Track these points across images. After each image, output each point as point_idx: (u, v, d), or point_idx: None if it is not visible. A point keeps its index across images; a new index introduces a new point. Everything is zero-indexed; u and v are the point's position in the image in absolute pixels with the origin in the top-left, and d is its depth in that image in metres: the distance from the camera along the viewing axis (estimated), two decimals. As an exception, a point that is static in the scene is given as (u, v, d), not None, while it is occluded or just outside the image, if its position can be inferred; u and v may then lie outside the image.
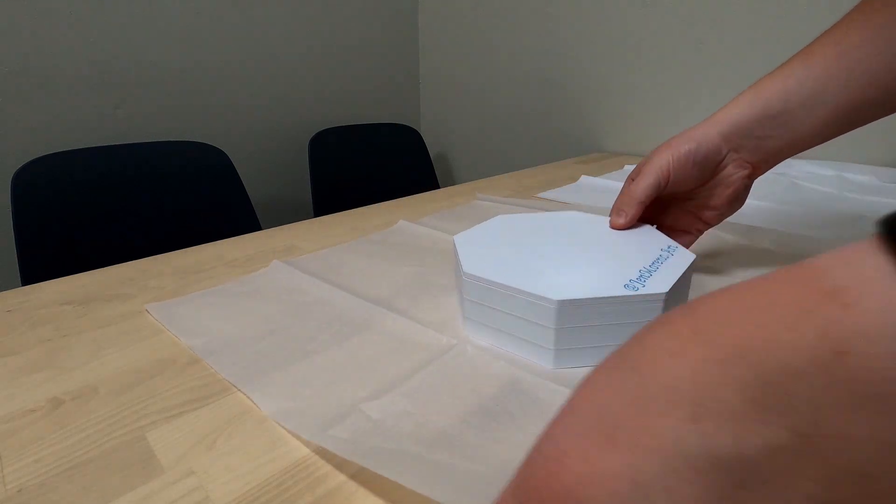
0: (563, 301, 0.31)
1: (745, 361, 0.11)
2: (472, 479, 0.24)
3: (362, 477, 0.25)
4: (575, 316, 0.32)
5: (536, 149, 1.43)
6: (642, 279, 0.33)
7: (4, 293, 0.45)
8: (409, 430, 0.27)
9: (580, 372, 0.33)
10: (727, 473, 0.12)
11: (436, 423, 0.28)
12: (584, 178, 0.89)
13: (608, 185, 0.84)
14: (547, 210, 0.59)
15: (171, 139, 1.04)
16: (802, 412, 0.11)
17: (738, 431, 0.11)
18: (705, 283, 0.45)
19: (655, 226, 0.44)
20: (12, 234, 0.78)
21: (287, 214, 1.44)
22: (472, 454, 0.26)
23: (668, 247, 0.39)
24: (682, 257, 0.37)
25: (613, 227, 0.42)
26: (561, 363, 0.33)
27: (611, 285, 0.33)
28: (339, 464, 0.26)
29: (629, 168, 0.99)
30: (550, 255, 0.38)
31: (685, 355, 0.13)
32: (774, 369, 0.11)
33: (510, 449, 0.26)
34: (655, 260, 0.36)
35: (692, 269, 0.37)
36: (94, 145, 0.92)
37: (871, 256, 0.11)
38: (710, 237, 0.53)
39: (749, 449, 0.11)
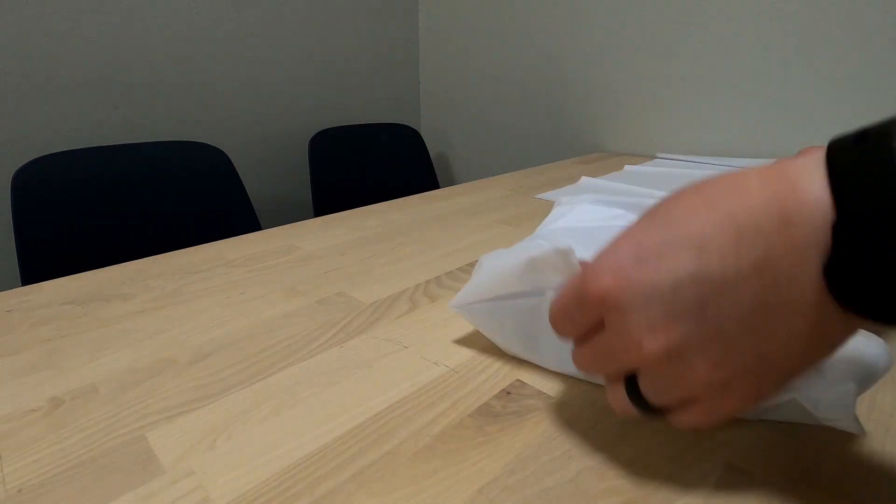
0: None
1: (733, 222, 0.19)
2: None
3: (362, 477, 0.25)
4: None
5: (536, 149, 1.43)
6: None
7: (4, 293, 0.45)
8: None
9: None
10: (711, 285, 0.19)
11: None
12: (584, 179, 0.89)
13: (608, 186, 0.84)
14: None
15: (171, 139, 1.04)
16: (760, 253, 0.19)
17: (722, 261, 0.19)
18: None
19: None
20: (12, 234, 0.78)
21: (287, 214, 1.44)
22: None
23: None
24: None
25: None
26: None
27: None
28: (340, 464, 0.26)
29: (629, 168, 0.99)
30: None
31: (698, 216, 0.20)
32: (749, 227, 0.19)
33: None
34: None
35: None
36: (94, 145, 0.92)
37: (816, 161, 0.18)
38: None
39: (727, 270, 0.19)
